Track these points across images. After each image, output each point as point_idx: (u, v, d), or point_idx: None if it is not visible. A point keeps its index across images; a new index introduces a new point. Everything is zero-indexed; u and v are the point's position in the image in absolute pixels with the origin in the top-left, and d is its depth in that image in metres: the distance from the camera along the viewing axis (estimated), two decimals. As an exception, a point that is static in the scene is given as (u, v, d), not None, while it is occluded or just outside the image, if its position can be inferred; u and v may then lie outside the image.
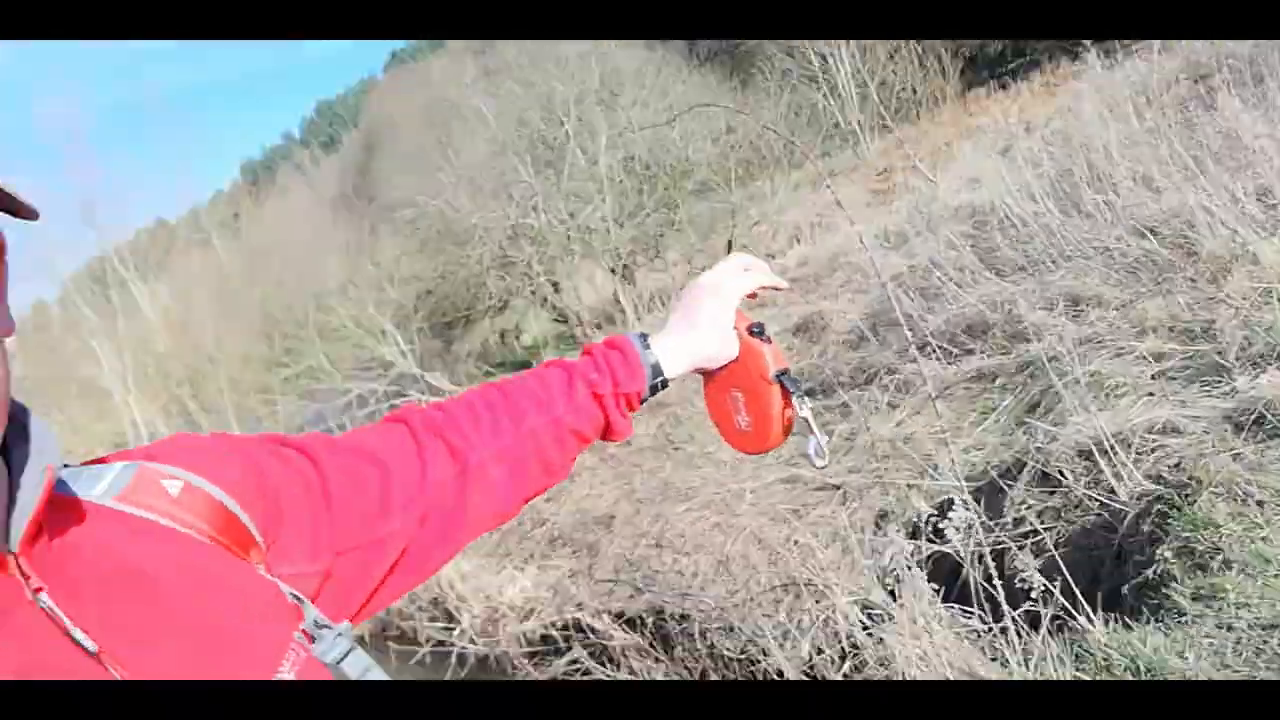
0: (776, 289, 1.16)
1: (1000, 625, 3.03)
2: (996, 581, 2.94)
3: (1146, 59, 14.30)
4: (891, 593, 3.47)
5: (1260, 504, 3.55)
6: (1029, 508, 4.48)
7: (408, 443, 0.94)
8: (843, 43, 26.35)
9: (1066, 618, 3.18)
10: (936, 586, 3.46)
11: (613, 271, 14.76)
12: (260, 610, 0.71)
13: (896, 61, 26.07)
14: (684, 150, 15.73)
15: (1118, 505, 4.09)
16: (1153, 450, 4.30)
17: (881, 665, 3.75)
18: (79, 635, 0.61)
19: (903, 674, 3.19)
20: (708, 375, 1.13)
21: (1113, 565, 3.97)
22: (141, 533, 0.70)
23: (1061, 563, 3.41)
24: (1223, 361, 4.68)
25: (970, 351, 6.18)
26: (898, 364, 6.45)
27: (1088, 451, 4.46)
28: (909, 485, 5.18)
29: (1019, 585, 3.17)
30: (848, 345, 7.46)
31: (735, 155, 16.41)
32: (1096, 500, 4.22)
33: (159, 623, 0.65)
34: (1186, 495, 3.79)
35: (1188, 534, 3.59)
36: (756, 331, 1.10)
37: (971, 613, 3.29)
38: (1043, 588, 3.08)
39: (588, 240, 14.48)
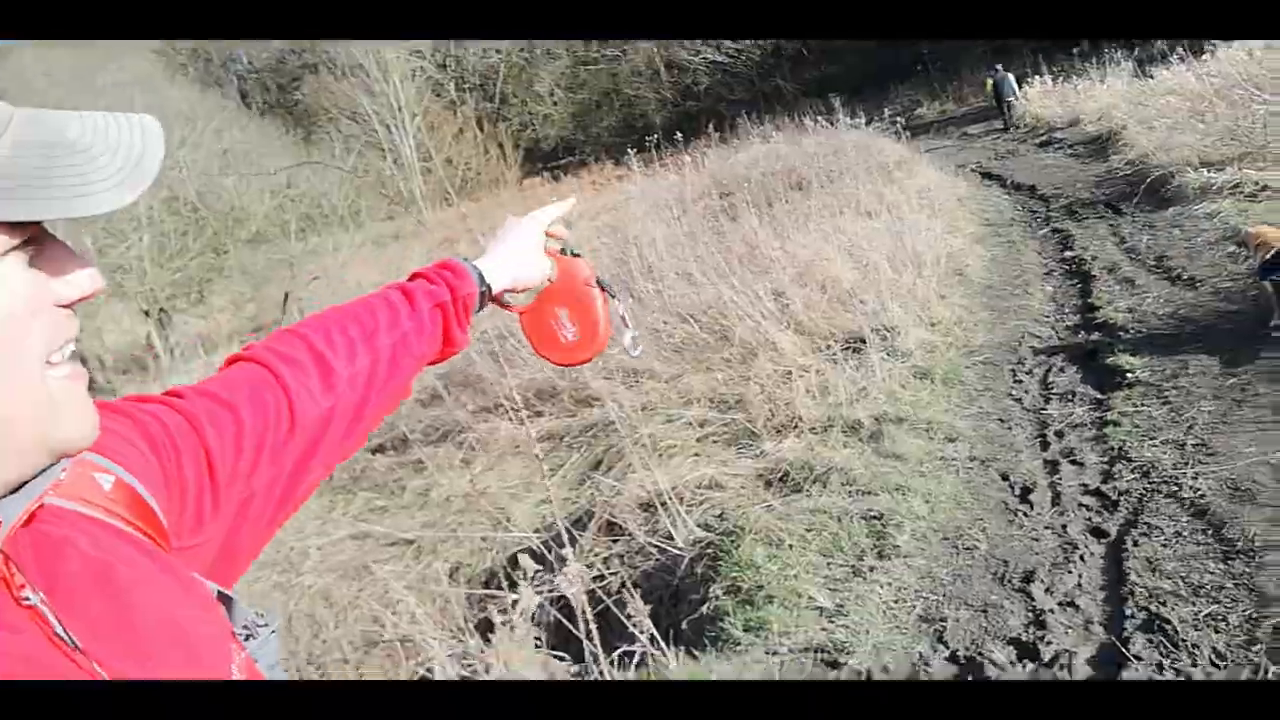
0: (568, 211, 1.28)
1: (595, 665, 3.18)
2: (593, 625, 3.09)
3: (679, 173, 16.43)
4: (488, 640, 3.48)
5: (790, 547, 4.16)
6: (597, 555, 4.79)
7: (275, 390, 0.90)
8: (408, 116, 26.71)
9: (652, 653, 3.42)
10: (539, 636, 3.55)
11: (146, 314, 13.22)
12: (201, 608, 0.70)
13: (460, 143, 27.01)
14: (237, 198, 14.79)
15: (675, 551, 4.53)
16: (701, 503, 4.85)
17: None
18: (62, 632, 0.59)
19: None
20: (524, 311, 1.21)
21: (670, 604, 4.38)
22: (89, 527, 0.67)
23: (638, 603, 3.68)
24: (753, 429, 5.46)
25: (540, 414, 6.50)
26: (472, 423, 6.57)
27: (648, 504, 4.90)
28: (483, 539, 5.26)
29: (614, 626, 3.37)
30: (420, 404, 7.44)
31: (295, 209, 15.76)
32: (656, 547, 4.63)
33: (130, 620, 0.63)
34: (732, 541, 4.32)
35: (734, 574, 4.08)
36: (567, 250, 1.21)
37: (564, 656, 3.42)
38: (636, 628, 3.30)
39: (118, 280, 12.86)
